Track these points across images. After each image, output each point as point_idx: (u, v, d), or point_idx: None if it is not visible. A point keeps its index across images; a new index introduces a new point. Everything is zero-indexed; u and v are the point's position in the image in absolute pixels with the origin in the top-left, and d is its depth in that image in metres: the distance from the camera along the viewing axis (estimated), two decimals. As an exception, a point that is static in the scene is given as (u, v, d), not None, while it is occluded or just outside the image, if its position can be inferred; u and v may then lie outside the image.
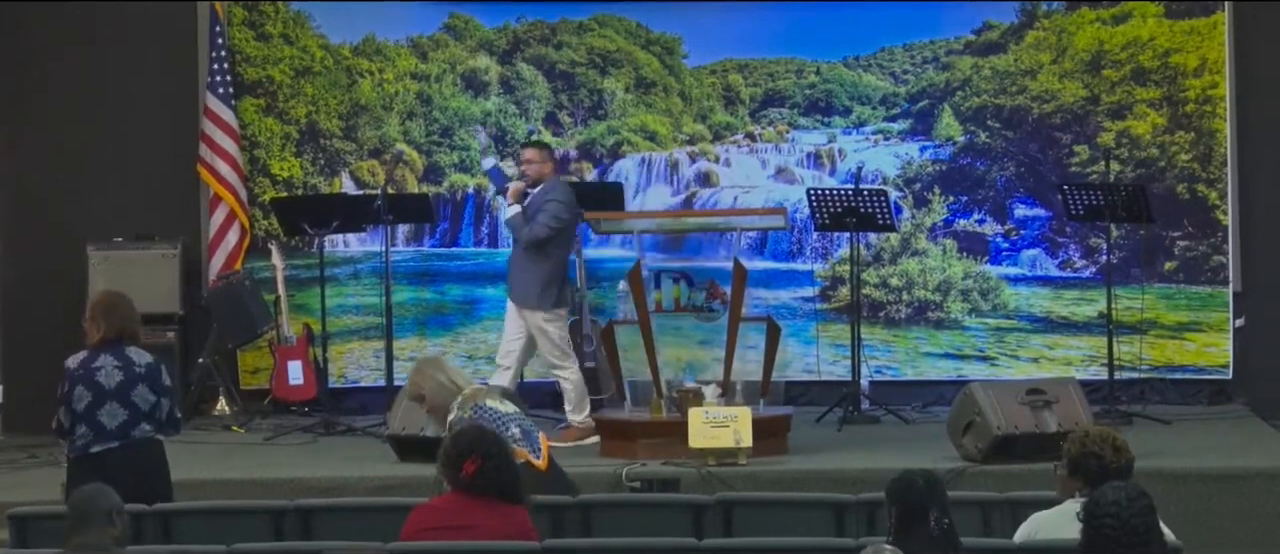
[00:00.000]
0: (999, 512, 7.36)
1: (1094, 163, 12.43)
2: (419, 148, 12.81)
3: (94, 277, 12.01)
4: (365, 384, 12.57)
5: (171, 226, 12.38)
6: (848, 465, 9.85)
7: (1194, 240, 12.48)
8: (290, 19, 12.72)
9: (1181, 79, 12.45)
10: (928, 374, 12.62)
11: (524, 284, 10.85)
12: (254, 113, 12.64)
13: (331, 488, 9.60)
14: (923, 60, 12.79)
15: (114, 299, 8.15)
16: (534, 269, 10.80)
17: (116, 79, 12.52)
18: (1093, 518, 5.48)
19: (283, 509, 7.62)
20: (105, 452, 7.77)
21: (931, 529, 5.97)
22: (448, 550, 6.51)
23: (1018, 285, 12.69)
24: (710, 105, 12.84)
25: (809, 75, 12.83)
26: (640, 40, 12.86)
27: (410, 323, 12.68)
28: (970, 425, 9.91)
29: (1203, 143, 12.42)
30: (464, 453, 6.65)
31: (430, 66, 12.82)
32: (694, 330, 11.43)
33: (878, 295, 12.67)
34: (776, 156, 12.87)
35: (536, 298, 10.79)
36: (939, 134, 12.73)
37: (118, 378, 7.86)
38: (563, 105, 12.89)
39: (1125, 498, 5.49)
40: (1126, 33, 12.53)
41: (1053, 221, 12.63)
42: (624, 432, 10.24)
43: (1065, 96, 12.59)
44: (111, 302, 8.11)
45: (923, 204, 12.70)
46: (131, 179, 12.50)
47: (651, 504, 8.22)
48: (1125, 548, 5.43)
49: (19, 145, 12.49)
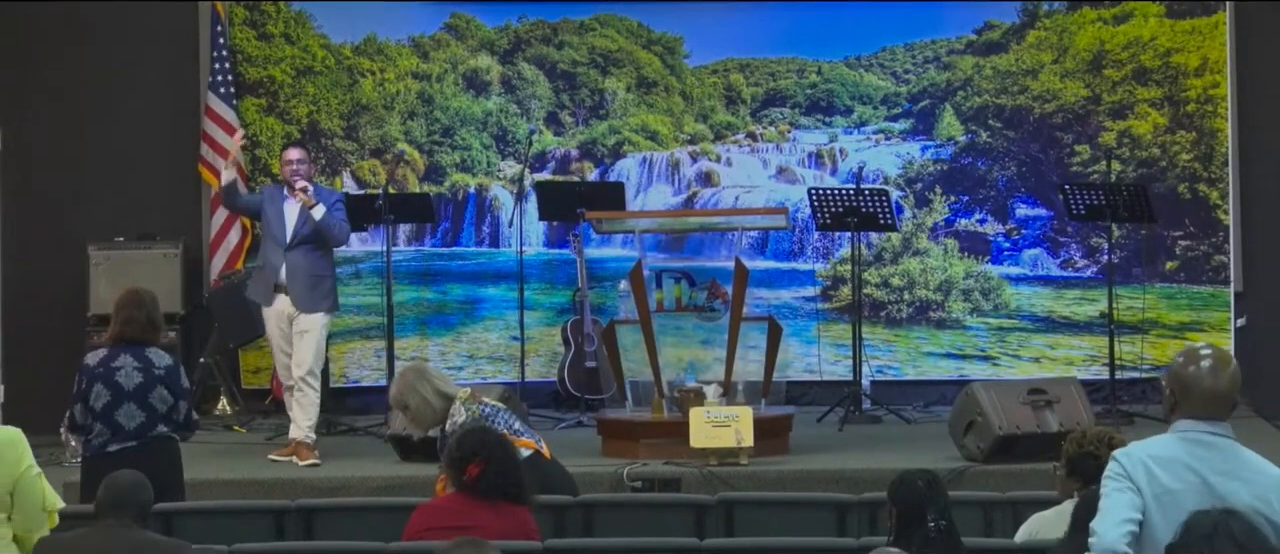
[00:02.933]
0: (1000, 512, 7.36)
1: (1095, 162, 12.43)
2: (420, 147, 12.81)
3: (95, 276, 12.02)
4: (367, 384, 12.57)
5: (173, 226, 12.38)
6: (849, 465, 9.85)
7: (1195, 240, 12.48)
8: (291, 19, 12.72)
9: (1183, 79, 12.45)
10: (929, 374, 12.63)
11: (322, 289, 10.47)
12: (255, 112, 12.64)
13: (333, 488, 9.60)
14: (924, 60, 12.79)
15: (139, 298, 8.11)
16: (330, 271, 10.59)
17: (118, 79, 12.52)
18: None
19: (284, 509, 7.62)
20: (122, 451, 7.78)
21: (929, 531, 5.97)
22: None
23: (1019, 285, 12.69)
24: (711, 105, 12.84)
25: (810, 75, 12.83)
26: (642, 40, 12.86)
27: (411, 322, 12.68)
28: (972, 425, 9.91)
29: (1204, 142, 12.42)
30: (468, 455, 6.66)
31: (431, 66, 12.82)
32: (695, 330, 11.41)
33: (879, 295, 12.67)
34: (778, 156, 12.87)
35: (333, 300, 10.61)
36: (940, 134, 12.73)
37: (138, 379, 7.87)
38: (564, 105, 12.89)
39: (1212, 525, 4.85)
40: (1128, 32, 12.53)
41: (1054, 221, 12.63)
42: (625, 431, 10.24)
43: (1067, 96, 12.59)
44: (137, 300, 8.08)
45: (924, 204, 12.70)
46: (133, 179, 12.50)
47: (653, 504, 8.23)
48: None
49: (20, 145, 12.48)
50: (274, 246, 10.47)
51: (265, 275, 10.52)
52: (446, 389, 7.96)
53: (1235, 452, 5.13)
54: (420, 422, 8.03)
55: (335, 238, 10.50)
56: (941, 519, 5.99)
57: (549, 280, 12.77)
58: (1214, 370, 5.13)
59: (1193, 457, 5.09)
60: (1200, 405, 5.12)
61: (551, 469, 7.97)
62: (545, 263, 12.79)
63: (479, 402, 7.89)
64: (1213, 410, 5.13)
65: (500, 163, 12.85)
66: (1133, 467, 5.07)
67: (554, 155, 12.89)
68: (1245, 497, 5.02)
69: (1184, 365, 5.17)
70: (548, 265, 12.79)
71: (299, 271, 10.40)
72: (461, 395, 7.92)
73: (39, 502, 6.45)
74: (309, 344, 10.36)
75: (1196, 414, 5.12)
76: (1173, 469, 5.08)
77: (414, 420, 8.10)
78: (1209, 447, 5.10)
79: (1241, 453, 5.14)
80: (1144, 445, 5.17)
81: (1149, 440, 5.19)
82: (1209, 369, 5.13)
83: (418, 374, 8.03)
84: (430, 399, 7.90)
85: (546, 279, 12.77)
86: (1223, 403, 5.14)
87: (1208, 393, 5.11)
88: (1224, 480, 5.04)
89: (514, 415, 8.08)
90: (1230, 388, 5.15)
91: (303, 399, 10.39)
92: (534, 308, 12.51)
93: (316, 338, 10.39)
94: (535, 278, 12.61)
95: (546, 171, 12.82)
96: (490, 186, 12.84)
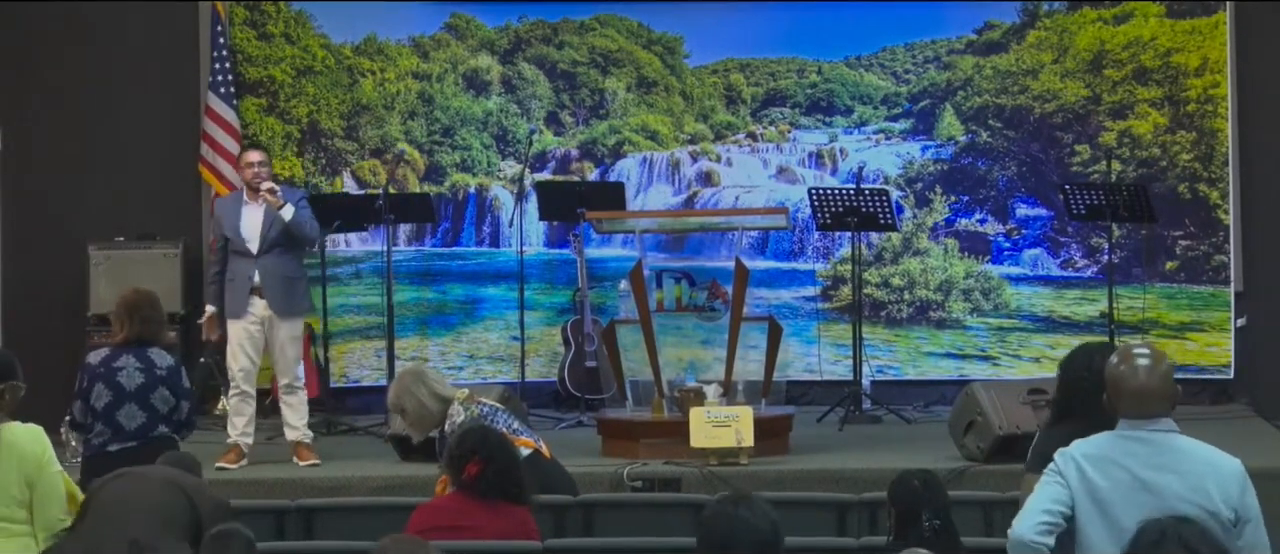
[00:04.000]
0: (1001, 511, 7.36)
1: (1095, 162, 12.43)
2: (420, 147, 12.81)
3: (95, 276, 12.02)
4: (367, 384, 12.57)
5: (173, 226, 12.38)
6: (849, 465, 9.84)
7: (1195, 240, 12.48)
8: (292, 18, 12.72)
9: (1183, 79, 12.45)
10: (929, 374, 12.62)
11: (298, 291, 10.30)
12: (255, 112, 12.64)
13: (333, 488, 9.59)
14: (924, 60, 12.79)
15: (142, 298, 8.13)
16: (303, 272, 10.43)
17: (118, 78, 12.52)
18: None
19: (284, 509, 7.63)
20: (122, 451, 7.79)
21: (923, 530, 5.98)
22: (450, 550, 6.50)
23: (1019, 285, 12.69)
24: (712, 105, 12.84)
25: (810, 75, 12.83)
26: (642, 40, 12.86)
27: (412, 322, 12.68)
28: (972, 425, 9.90)
29: (1204, 142, 12.42)
30: (467, 455, 6.67)
31: (432, 66, 12.82)
32: (696, 330, 11.41)
33: (879, 295, 12.67)
34: (778, 156, 12.86)
35: (309, 302, 10.52)
36: (940, 134, 12.73)
37: (139, 379, 7.88)
38: (564, 105, 12.89)
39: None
40: (1128, 32, 12.53)
41: (1054, 221, 12.63)
42: (626, 431, 10.23)
43: (1067, 96, 12.59)
44: (139, 300, 8.10)
45: (924, 204, 12.70)
46: (133, 178, 12.50)
47: (653, 504, 8.23)
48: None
49: (20, 144, 12.48)
50: (240, 257, 10.19)
51: (236, 287, 10.20)
52: (443, 392, 7.93)
53: (1171, 444, 5.17)
54: (418, 425, 8.03)
55: (307, 236, 10.32)
56: (936, 519, 6.00)
57: (549, 280, 12.78)
58: (1145, 369, 5.18)
59: (1124, 452, 5.14)
60: (1132, 404, 5.18)
61: (551, 469, 7.97)
62: (545, 263, 12.79)
63: (477, 402, 7.89)
64: (1145, 408, 5.17)
65: (500, 163, 12.85)
66: (1065, 464, 5.16)
67: (554, 155, 12.89)
68: (1177, 488, 5.05)
69: (1116, 365, 5.22)
70: (548, 265, 12.80)
71: (274, 277, 10.17)
72: (459, 396, 7.92)
73: (60, 501, 6.46)
74: (294, 350, 10.25)
75: (1130, 412, 5.17)
76: (1102, 466, 5.14)
77: (412, 424, 8.09)
78: (1143, 442, 5.16)
79: (1178, 445, 5.18)
80: (1080, 443, 5.25)
81: (1087, 439, 5.24)
82: (1139, 368, 5.18)
83: (414, 378, 8.00)
84: (426, 402, 7.89)
85: (547, 279, 12.77)
86: (1154, 400, 5.17)
87: (1138, 390, 5.16)
88: (1155, 474, 5.09)
89: (512, 415, 8.08)
90: (1161, 385, 5.18)
91: (293, 401, 10.32)
92: (534, 308, 12.51)
93: (295, 342, 10.26)
94: (535, 278, 12.61)
95: (547, 171, 12.82)
96: (490, 186, 12.84)
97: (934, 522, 5.98)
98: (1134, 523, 4.77)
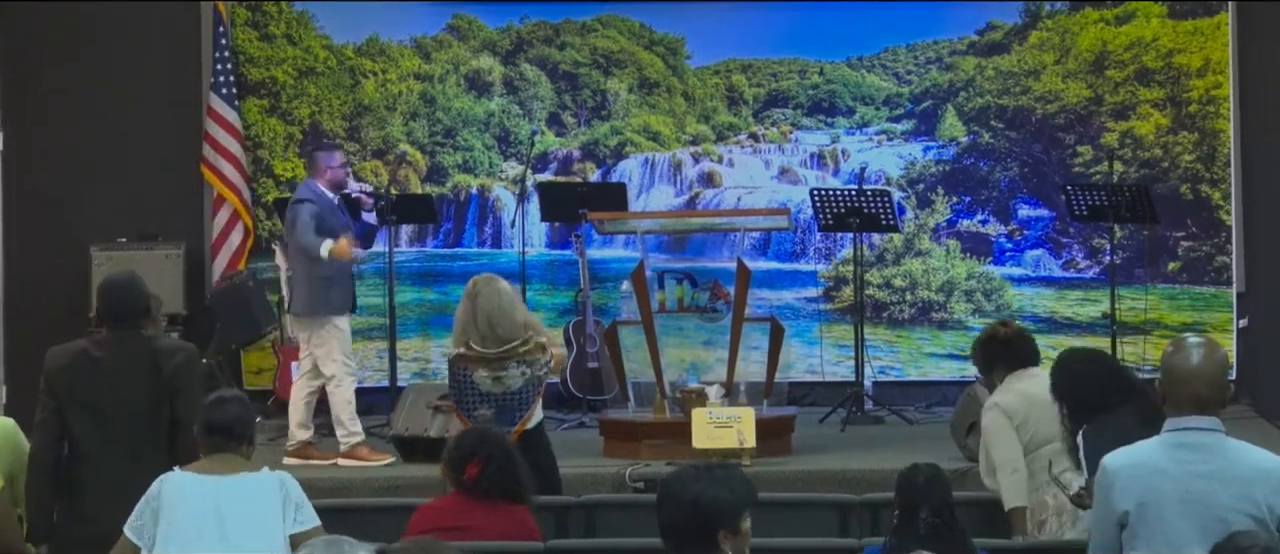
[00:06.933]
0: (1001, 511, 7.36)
1: (1097, 163, 12.43)
2: (422, 148, 12.82)
3: (97, 277, 11.99)
4: (369, 385, 12.55)
5: (175, 227, 12.38)
6: (851, 466, 9.84)
7: (1197, 241, 12.48)
8: (293, 19, 12.73)
9: (1185, 79, 12.45)
10: (931, 375, 12.62)
11: (347, 290, 10.30)
12: (257, 113, 12.64)
13: (335, 488, 9.58)
14: (926, 61, 12.79)
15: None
16: (319, 275, 10.25)
17: (120, 79, 12.53)
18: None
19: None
20: None
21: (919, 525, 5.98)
22: (450, 551, 6.51)
23: (1021, 286, 12.69)
24: (713, 106, 12.84)
25: (812, 76, 12.83)
26: (644, 41, 12.86)
27: (413, 323, 12.68)
28: (974, 426, 9.86)
29: (1206, 143, 12.42)
30: (467, 455, 6.67)
31: (433, 67, 12.83)
32: (698, 331, 11.42)
33: (881, 296, 12.67)
34: (780, 157, 12.87)
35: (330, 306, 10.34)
36: (942, 134, 12.73)
37: None
38: (566, 106, 12.90)
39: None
40: (1130, 33, 12.53)
41: (1056, 222, 12.63)
42: (627, 432, 10.23)
43: (1069, 97, 12.59)
44: None
45: (926, 205, 12.70)
46: (135, 180, 12.50)
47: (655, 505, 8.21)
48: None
49: (22, 145, 12.49)
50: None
51: (348, 284, 10.26)
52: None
53: (1220, 448, 5.07)
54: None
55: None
56: (936, 517, 5.99)
57: (551, 281, 12.78)
58: (1201, 359, 5.08)
59: (1173, 460, 5.04)
60: (1188, 403, 5.07)
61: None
62: (547, 264, 12.80)
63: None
64: (1201, 408, 5.07)
65: (502, 164, 12.85)
66: (1113, 479, 5.08)
67: (556, 156, 12.89)
68: (1225, 497, 4.97)
69: (1171, 355, 5.14)
70: (550, 266, 12.80)
71: (322, 279, 10.18)
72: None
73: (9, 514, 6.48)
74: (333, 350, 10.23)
75: (1183, 410, 5.08)
76: (1152, 479, 5.03)
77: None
78: (1192, 448, 5.05)
79: (1228, 449, 5.07)
80: (1129, 452, 5.13)
81: (1134, 447, 5.15)
82: (1195, 358, 5.09)
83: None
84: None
85: (549, 280, 12.77)
86: (1209, 401, 5.07)
87: (1193, 389, 5.06)
88: (1204, 484, 4.99)
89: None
90: (1216, 376, 5.08)
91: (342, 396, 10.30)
92: (536, 309, 12.45)
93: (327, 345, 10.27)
94: (537, 279, 12.61)
95: (549, 172, 12.82)
96: (492, 187, 12.84)
97: (932, 519, 5.97)
98: (1183, 533, 4.73)
